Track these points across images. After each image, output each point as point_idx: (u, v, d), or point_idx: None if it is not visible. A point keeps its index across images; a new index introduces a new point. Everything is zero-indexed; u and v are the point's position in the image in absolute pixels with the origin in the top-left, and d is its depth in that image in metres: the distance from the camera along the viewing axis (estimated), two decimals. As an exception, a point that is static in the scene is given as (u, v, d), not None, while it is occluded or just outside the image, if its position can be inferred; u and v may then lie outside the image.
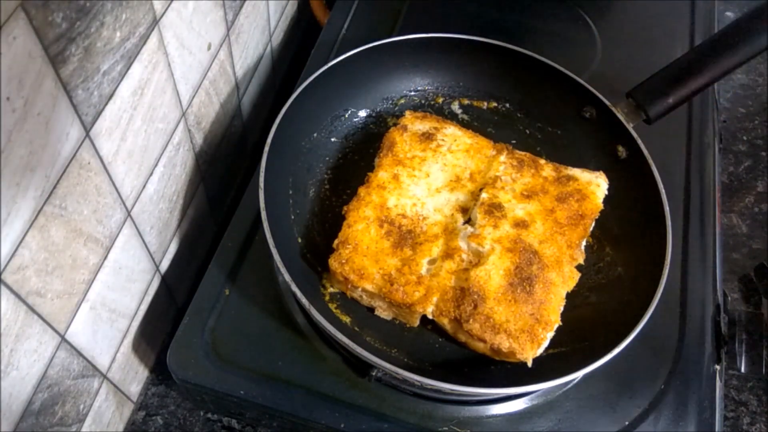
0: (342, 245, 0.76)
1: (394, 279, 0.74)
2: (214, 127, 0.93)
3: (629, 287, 0.79)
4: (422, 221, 0.79)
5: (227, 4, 0.85)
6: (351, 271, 0.74)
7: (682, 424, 0.76)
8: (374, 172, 0.83)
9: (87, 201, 0.63)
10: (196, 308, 0.80)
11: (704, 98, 1.05)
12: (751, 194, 1.22)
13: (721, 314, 0.84)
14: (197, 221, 0.97)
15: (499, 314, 0.72)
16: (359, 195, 0.81)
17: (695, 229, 0.91)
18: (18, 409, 0.61)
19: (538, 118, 0.98)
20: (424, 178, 0.83)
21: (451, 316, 0.73)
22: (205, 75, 0.85)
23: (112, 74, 0.61)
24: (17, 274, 0.55)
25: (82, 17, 0.53)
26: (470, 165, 0.85)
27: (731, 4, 1.48)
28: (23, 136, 0.50)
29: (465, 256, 0.76)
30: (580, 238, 0.79)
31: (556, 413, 0.76)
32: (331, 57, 1.00)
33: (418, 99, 0.99)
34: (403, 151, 0.85)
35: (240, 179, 1.13)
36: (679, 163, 0.98)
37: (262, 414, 0.78)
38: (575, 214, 0.80)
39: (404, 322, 0.78)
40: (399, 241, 0.77)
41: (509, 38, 0.95)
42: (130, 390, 0.89)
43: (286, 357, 0.77)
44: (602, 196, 0.83)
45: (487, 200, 0.80)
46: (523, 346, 0.71)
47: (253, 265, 0.84)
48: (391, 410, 0.75)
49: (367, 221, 0.78)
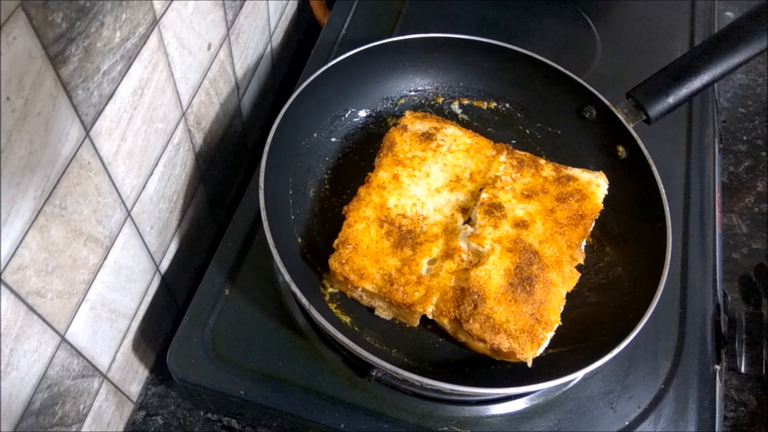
0: (342, 245, 0.76)
1: (394, 279, 0.74)
2: (214, 127, 0.93)
3: (629, 287, 0.79)
4: (422, 221, 0.79)
5: (227, 4, 0.85)
6: (351, 271, 0.74)
7: (682, 424, 0.76)
8: (374, 172, 0.83)
9: (87, 201, 0.63)
10: (196, 308, 0.80)
11: (704, 98, 1.05)
12: (751, 194, 1.22)
13: (721, 314, 0.84)
14: (197, 221, 0.97)
15: (499, 314, 0.72)
16: (359, 195, 0.81)
17: (695, 229, 0.91)
18: (18, 409, 0.61)
19: (538, 118, 0.98)
20: (424, 178, 0.83)
21: (451, 316, 0.73)
22: (205, 75, 0.85)
23: (112, 74, 0.61)
24: (17, 274, 0.55)
25: (82, 17, 0.53)
26: (470, 165, 0.85)
27: (731, 4, 1.48)
28: (23, 136, 0.50)
29: (465, 256, 0.76)
30: (580, 238, 0.79)
31: (556, 413, 0.76)
32: (331, 57, 1.00)
33: (418, 99, 0.99)
34: (403, 151, 0.85)
35: (240, 179, 1.13)
36: (679, 163, 0.98)
37: (262, 414, 0.78)
38: (575, 214, 0.80)
39: (404, 322, 0.78)
40: (399, 241, 0.77)
41: (509, 38, 0.95)
42: (130, 390, 0.89)
43: (286, 357, 0.77)
44: (602, 196, 0.82)
45: (487, 200, 0.80)
46: (523, 346, 0.71)
47: (253, 265, 0.84)
48: (391, 410, 0.75)
49: (367, 221, 0.78)
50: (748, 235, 1.17)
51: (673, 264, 0.77)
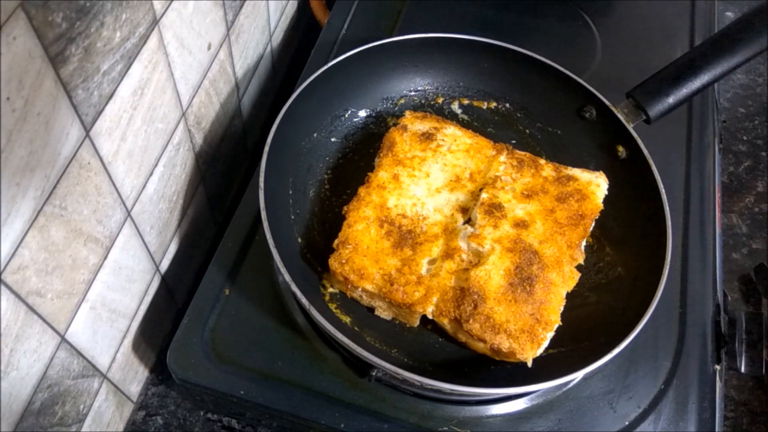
0: (342, 245, 0.76)
1: (394, 279, 0.74)
2: (214, 127, 0.93)
3: (629, 287, 0.79)
4: (422, 221, 0.79)
5: (227, 4, 0.85)
6: (351, 271, 0.74)
7: (682, 424, 0.76)
8: (374, 172, 0.83)
9: (87, 201, 0.63)
10: (196, 308, 0.80)
11: (704, 98, 1.05)
12: (751, 194, 1.22)
13: (721, 314, 0.84)
14: (197, 221, 0.97)
15: (499, 314, 0.72)
16: (359, 195, 0.81)
17: (695, 229, 0.91)
18: (18, 409, 0.61)
19: (538, 118, 0.98)
20: (424, 178, 0.83)
21: (451, 316, 0.73)
22: (205, 75, 0.85)
23: (112, 74, 0.61)
24: (17, 274, 0.55)
25: (82, 17, 0.53)
26: (470, 165, 0.85)
27: (731, 4, 1.48)
28: (23, 136, 0.50)
29: (465, 256, 0.76)
30: (580, 238, 0.79)
31: (556, 413, 0.76)
32: (331, 57, 1.00)
33: (418, 99, 0.99)
34: (403, 151, 0.85)
35: (240, 179, 1.13)
36: (679, 163, 0.98)
37: (262, 414, 0.78)
38: (575, 214, 0.80)
39: (404, 322, 0.78)
40: (399, 241, 0.77)
41: (509, 38, 0.95)
42: (130, 390, 0.89)
43: (286, 357, 0.77)
44: (602, 196, 0.82)
45: (487, 200, 0.80)
46: (523, 346, 0.71)
47: (253, 265, 0.84)
48: (391, 410, 0.75)
49: (367, 221, 0.78)
50: (748, 235, 1.17)
51: (673, 264, 0.77)
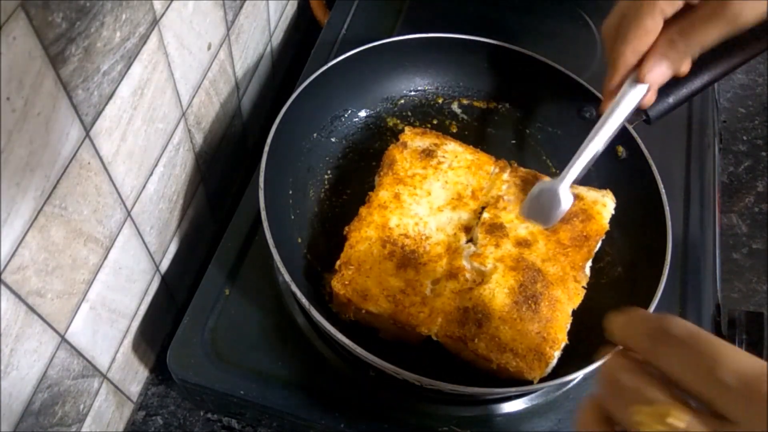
0: (345, 266, 0.75)
1: (399, 300, 0.72)
2: (214, 127, 0.93)
3: (629, 287, 0.79)
4: (425, 241, 0.77)
5: (227, 4, 0.85)
6: (354, 292, 0.73)
7: (682, 424, 0.76)
8: (375, 192, 0.81)
9: (87, 201, 0.63)
10: (196, 308, 0.80)
11: (704, 98, 1.05)
12: (751, 194, 1.22)
13: (721, 314, 0.84)
14: (197, 221, 0.97)
15: (505, 333, 0.71)
16: (360, 215, 0.79)
17: (695, 229, 0.91)
18: (18, 409, 0.61)
19: (537, 118, 0.98)
20: (425, 197, 0.81)
21: (456, 336, 0.71)
22: (205, 75, 0.84)
23: (112, 74, 0.61)
24: (17, 274, 0.55)
25: (82, 17, 0.53)
26: (472, 182, 0.83)
27: (731, 4, 1.48)
28: (23, 136, 0.50)
29: (468, 275, 0.75)
30: (584, 259, 0.77)
31: (556, 413, 0.76)
32: (331, 57, 1.00)
33: (418, 99, 0.99)
34: (404, 169, 0.83)
35: (240, 179, 1.13)
36: (679, 163, 0.98)
37: (262, 414, 0.78)
38: (579, 235, 0.78)
39: (407, 342, 0.76)
40: (402, 262, 0.75)
41: (509, 38, 0.95)
42: (130, 390, 0.89)
43: (286, 357, 0.77)
44: (608, 216, 0.80)
45: (488, 220, 0.79)
46: (530, 365, 0.69)
47: (253, 265, 0.84)
48: (391, 410, 0.75)
49: (369, 242, 0.76)
50: (748, 235, 1.17)
51: (673, 264, 0.77)
